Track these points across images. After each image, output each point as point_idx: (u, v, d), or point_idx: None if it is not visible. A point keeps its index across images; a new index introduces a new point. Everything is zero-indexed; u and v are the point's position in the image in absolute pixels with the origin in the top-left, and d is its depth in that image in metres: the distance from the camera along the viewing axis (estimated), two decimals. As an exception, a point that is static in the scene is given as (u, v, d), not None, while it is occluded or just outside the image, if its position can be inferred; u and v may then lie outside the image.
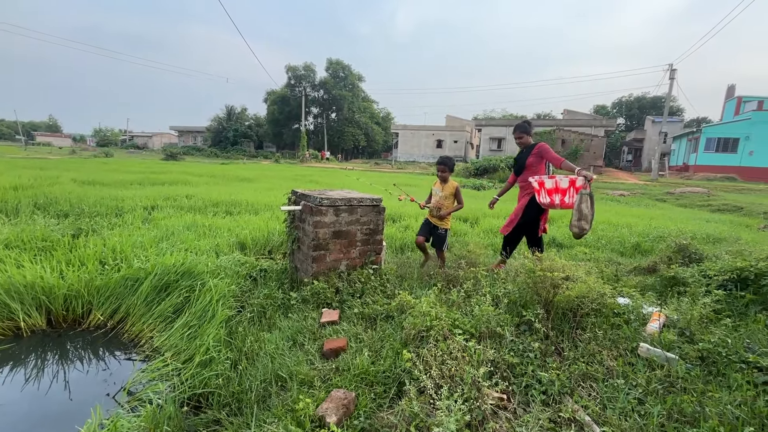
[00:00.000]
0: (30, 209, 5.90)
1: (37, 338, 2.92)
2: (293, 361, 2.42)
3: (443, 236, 4.10)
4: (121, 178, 11.25)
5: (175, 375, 2.37)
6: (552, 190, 3.62)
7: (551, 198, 3.63)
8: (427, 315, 2.50)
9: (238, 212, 7.09)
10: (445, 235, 4.11)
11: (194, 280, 3.27)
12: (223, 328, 2.70)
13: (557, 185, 3.58)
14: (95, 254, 3.75)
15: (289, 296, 3.33)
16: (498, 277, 3.69)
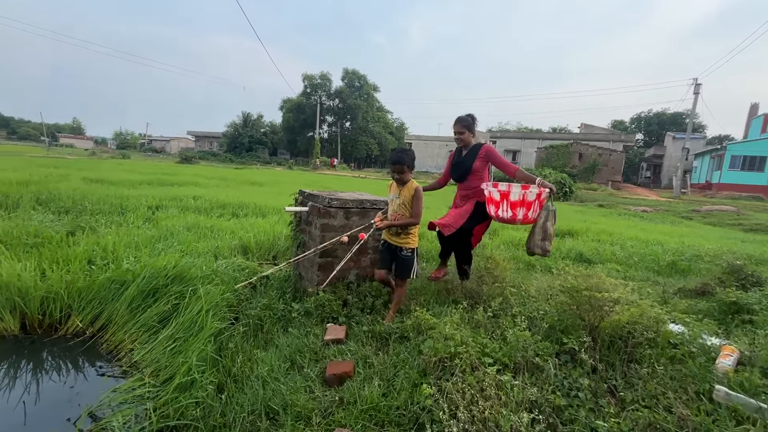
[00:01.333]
0: (31, 205, 5.69)
1: (7, 344, 2.59)
2: (289, 387, 2.02)
3: (409, 260, 2.81)
4: (131, 178, 11.13)
5: (150, 398, 2.00)
6: (517, 203, 2.94)
7: (514, 212, 2.97)
8: (451, 339, 2.08)
9: (245, 214, 6.79)
10: (411, 259, 2.82)
11: (186, 286, 2.91)
12: (211, 343, 2.33)
13: (524, 198, 2.92)
14: (84, 253, 3.45)
15: (291, 307, 2.95)
16: (527, 295, 3.25)
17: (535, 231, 3.05)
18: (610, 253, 5.93)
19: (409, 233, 2.82)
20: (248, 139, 54.02)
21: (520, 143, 39.47)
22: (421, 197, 2.74)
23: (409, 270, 2.82)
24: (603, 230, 8.25)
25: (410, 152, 2.87)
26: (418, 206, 2.75)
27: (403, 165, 2.74)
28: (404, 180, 2.78)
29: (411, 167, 2.80)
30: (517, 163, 37.47)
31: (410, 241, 2.83)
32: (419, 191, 2.75)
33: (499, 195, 3.00)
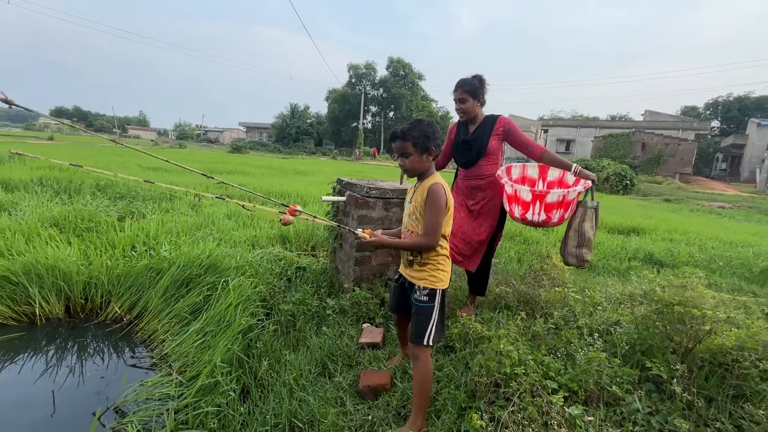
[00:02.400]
0: (91, 190, 6.01)
1: (51, 328, 2.62)
2: (318, 398, 1.81)
3: (424, 310, 1.66)
4: (184, 166, 11.65)
5: (174, 398, 1.88)
6: (554, 205, 2.24)
7: (548, 215, 2.27)
8: (507, 356, 1.75)
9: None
10: (428, 308, 1.65)
11: (219, 277, 2.81)
12: (239, 340, 2.17)
13: (564, 198, 2.23)
14: (128, 239, 3.48)
15: (326, 304, 2.75)
16: (592, 302, 2.80)
17: (569, 235, 2.36)
18: (686, 255, 5.17)
19: (426, 263, 1.65)
20: (295, 129, 55.41)
21: (574, 132, 36.89)
22: (437, 202, 1.57)
23: (423, 328, 1.63)
24: (675, 228, 7.33)
25: (425, 125, 1.63)
26: (432, 217, 1.58)
27: (405, 141, 1.60)
28: (415, 170, 1.67)
29: (425, 148, 1.60)
30: (570, 154, 35.15)
31: (429, 275, 1.64)
32: (436, 192, 1.58)
33: (532, 196, 2.27)
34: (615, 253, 5.05)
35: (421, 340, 1.62)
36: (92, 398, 1.99)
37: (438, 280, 1.65)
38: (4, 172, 6.65)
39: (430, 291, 1.65)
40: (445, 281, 1.67)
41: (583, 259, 2.34)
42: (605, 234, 6.22)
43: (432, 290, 1.65)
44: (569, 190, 2.28)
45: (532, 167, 2.70)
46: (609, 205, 12.06)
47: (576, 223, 2.34)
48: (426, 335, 1.62)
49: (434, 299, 1.65)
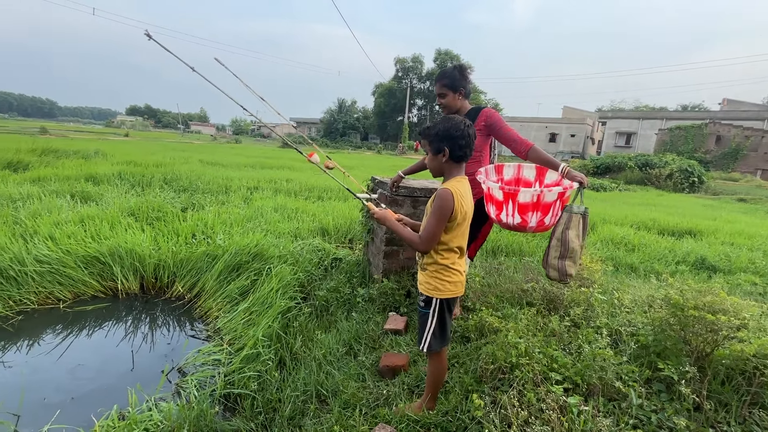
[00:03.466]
0: (159, 184, 6.78)
1: (129, 301, 3.13)
2: (342, 373, 2.06)
3: (423, 316, 1.65)
4: (239, 161, 12.56)
5: (224, 364, 2.23)
6: (528, 206, 2.03)
7: (523, 218, 2.07)
8: (513, 347, 1.88)
9: (329, 198, 7.14)
10: (425, 316, 1.63)
11: (264, 264, 3.17)
12: (278, 320, 2.49)
13: (538, 199, 2.00)
14: (190, 228, 3.98)
15: (356, 292, 3.01)
16: (619, 304, 2.80)
17: (551, 244, 2.08)
18: (746, 261, 4.80)
19: (425, 268, 1.61)
20: (342, 124, 56.70)
21: (636, 124, 34.22)
22: (439, 207, 1.48)
23: (421, 333, 1.62)
24: (740, 231, 6.73)
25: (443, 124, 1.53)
26: (430, 222, 1.51)
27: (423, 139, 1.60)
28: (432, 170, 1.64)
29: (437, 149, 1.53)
30: (630, 148, 32.65)
31: (426, 281, 1.60)
32: (440, 197, 1.48)
33: (503, 194, 2.09)
34: (661, 256, 4.83)
35: (419, 345, 1.62)
36: (161, 359, 2.40)
37: (434, 289, 1.58)
38: (91, 167, 7.67)
39: (427, 298, 1.61)
40: (443, 291, 1.57)
41: (565, 273, 2.04)
42: (654, 235, 5.91)
43: (428, 297, 1.60)
44: (544, 189, 2.01)
45: (529, 168, 2.45)
46: (667, 204, 11.23)
47: (559, 231, 2.03)
48: (422, 341, 1.61)
49: (430, 307, 1.60)
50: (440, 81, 2.28)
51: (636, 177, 19.04)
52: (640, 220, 7.08)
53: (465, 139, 1.52)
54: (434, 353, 1.66)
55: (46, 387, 2.07)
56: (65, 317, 2.80)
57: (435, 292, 1.59)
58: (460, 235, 1.58)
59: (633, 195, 13.97)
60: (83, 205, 4.80)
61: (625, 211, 8.22)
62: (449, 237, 1.56)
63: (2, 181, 5.77)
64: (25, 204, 4.47)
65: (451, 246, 1.58)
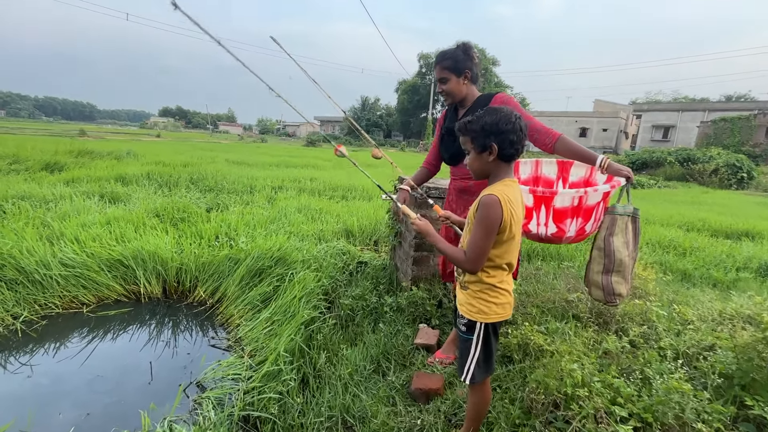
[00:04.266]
0: (185, 184, 6.83)
1: (152, 305, 3.06)
2: (371, 395, 1.87)
3: (464, 342, 1.43)
4: (263, 160, 12.64)
5: (244, 380, 2.08)
6: (567, 211, 1.68)
7: (559, 227, 1.72)
8: (569, 376, 1.63)
9: (353, 197, 6.99)
10: (467, 342, 1.40)
11: (287, 269, 3.03)
12: (301, 331, 2.32)
13: (580, 201, 1.63)
14: (213, 229, 3.90)
15: (383, 301, 2.81)
16: (681, 320, 2.47)
17: (592, 256, 1.70)
18: (820, 268, 4.27)
19: (466, 287, 1.40)
20: (365, 122, 56.71)
21: (675, 117, 32.34)
22: (486, 218, 1.24)
23: (462, 361, 1.41)
24: (806, 233, 6.08)
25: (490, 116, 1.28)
26: (476, 236, 1.27)
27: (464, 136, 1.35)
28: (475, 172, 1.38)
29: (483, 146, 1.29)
30: (669, 142, 30.84)
31: (467, 302, 1.39)
32: (487, 206, 1.25)
33: (533, 198, 1.70)
34: (719, 261, 4.37)
35: (461, 376, 1.41)
36: (180, 371, 2.29)
37: (478, 311, 1.35)
38: (121, 168, 7.84)
39: (468, 322, 1.38)
40: (489, 315, 1.35)
41: (612, 292, 1.64)
42: (706, 237, 5.40)
43: (471, 321, 1.38)
44: (589, 189, 1.64)
45: (549, 164, 2.12)
46: (714, 202, 10.42)
47: (601, 238, 1.64)
48: (464, 372, 1.39)
49: (473, 332, 1.38)
50: (440, 63, 1.93)
51: (677, 173, 17.92)
52: (687, 220, 6.54)
53: (516, 134, 1.27)
54: (477, 384, 1.43)
55: (63, 400, 1.99)
56: (88, 322, 2.75)
57: (479, 316, 1.36)
58: (510, 250, 1.33)
59: (675, 192, 13.10)
60: (111, 205, 4.83)
61: (669, 210, 7.64)
62: (498, 252, 1.31)
63: (38, 182, 5.93)
64: (57, 205, 4.54)
65: (499, 263, 1.33)
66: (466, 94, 1.99)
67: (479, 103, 1.98)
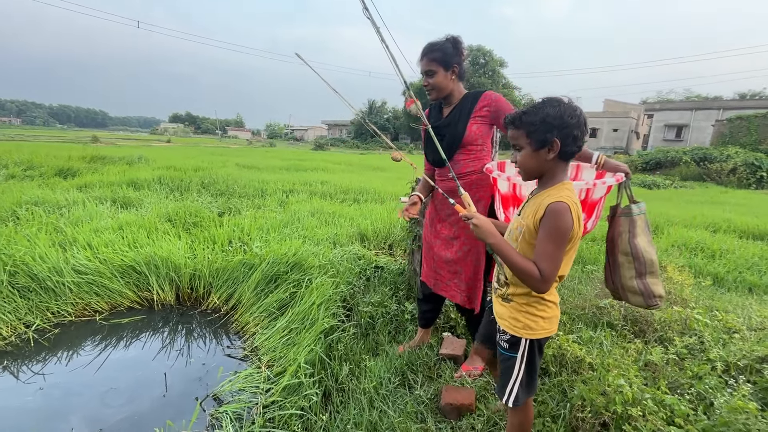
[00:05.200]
0: (197, 188, 6.79)
1: (165, 313, 2.98)
2: (398, 411, 1.75)
3: (506, 360, 1.29)
4: (273, 163, 12.62)
5: (263, 393, 1.98)
6: None
7: None
8: (617, 392, 1.49)
9: (365, 200, 6.88)
10: (511, 361, 1.27)
11: (303, 275, 2.92)
12: (321, 340, 2.21)
13: (588, 193, 1.57)
14: (226, 234, 3.82)
15: (404, 308, 2.69)
16: (725, 328, 2.31)
17: (619, 262, 1.58)
18: None
19: (510, 300, 1.27)
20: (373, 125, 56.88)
21: (688, 116, 31.73)
22: (558, 229, 1.11)
23: (505, 381, 1.29)
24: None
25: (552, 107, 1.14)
26: (548, 248, 1.12)
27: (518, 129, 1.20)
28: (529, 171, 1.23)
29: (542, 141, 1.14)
30: (682, 142, 30.25)
31: (511, 317, 1.26)
32: (558, 214, 1.11)
33: None
34: (751, 264, 4.16)
35: (502, 397, 1.28)
36: (195, 383, 2.19)
37: (524, 327, 1.23)
38: (133, 172, 7.85)
39: (512, 338, 1.25)
40: (536, 331, 1.22)
41: (652, 295, 1.53)
42: (734, 238, 5.17)
43: (514, 338, 1.25)
44: (596, 182, 1.56)
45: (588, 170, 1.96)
46: (737, 202, 10.10)
47: (626, 243, 1.56)
48: (507, 392, 1.26)
49: (517, 350, 1.25)
50: (428, 55, 1.82)
51: (693, 172, 17.52)
52: (711, 221, 6.30)
53: (581, 129, 1.14)
54: (514, 409, 1.30)
55: (75, 414, 1.90)
56: (101, 330, 2.67)
57: (525, 332, 1.23)
58: (569, 261, 1.20)
59: (692, 192, 12.76)
60: (123, 210, 4.80)
61: (692, 210, 7.39)
62: (563, 264, 1.16)
63: (52, 188, 5.94)
64: (70, 211, 4.51)
65: (562, 274, 1.19)
66: (452, 90, 1.89)
67: (468, 99, 1.89)
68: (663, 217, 6.38)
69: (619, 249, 1.60)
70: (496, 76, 48.51)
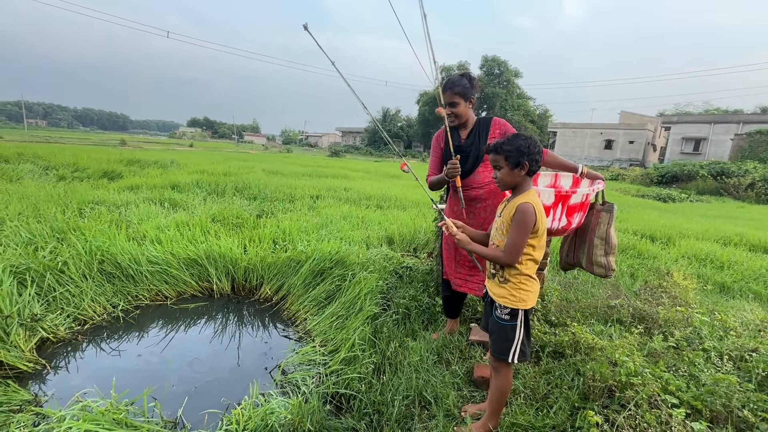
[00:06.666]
0: (232, 191, 7.30)
1: (223, 301, 3.41)
2: (439, 381, 2.12)
3: (503, 328, 1.69)
4: (295, 170, 13.17)
5: (321, 365, 2.37)
6: (576, 207, 2.16)
7: (569, 219, 2.18)
8: (622, 366, 1.84)
9: (388, 207, 7.28)
10: (508, 327, 1.68)
11: (346, 270, 3.32)
12: (368, 325, 2.60)
13: (587, 198, 2.19)
14: (270, 234, 4.26)
15: (435, 301, 3.07)
16: (723, 326, 2.62)
17: (593, 243, 2.22)
18: None
19: (507, 281, 1.66)
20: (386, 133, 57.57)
21: (707, 129, 31.44)
22: (524, 222, 1.56)
23: (507, 345, 1.66)
24: None
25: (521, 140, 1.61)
26: (515, 236, 1.58)
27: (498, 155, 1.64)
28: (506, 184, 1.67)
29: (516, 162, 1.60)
30: (700, 155, 29.99)
31: (509, 294, 1.65)
32: (524, 212, 1.56)
33: (554, 197, 2.11)
34: (758, 275, 4.42)
35: (506, 357, 1.66)
36: (261, 357, 2.60)
37: (519, 300, 1.64)
38: (171, 176, 8.42)
39: (512, 310, 1.66)
40: (528, 302, 1.65)
41: (611, 268, 2.21)
42: (744, 252, 5.40)
43: (513, 309, 1.66)
44: (592, 188, 2.19)
45: (566, 177, 2.66)
46: (753, 217, 10.20)
47: (603, 230, 2.20)
48: (511, 353, 1.65)
49: (516, 318, 1.66)
50: (452, 89, 2.27)
51: (710, 187, 17.48)
52: (724, 234, 6.51)
53: (540, 155, 1.64)
54: (505, 365, 1.71)
55: (172, 376, 2.31)
56: (173, 313, 3.11)
57: (520, 304, 1.66)
58: (542, 246, 1.67)
59: (708, 206, 12.83)
60: (174, 211, 5.29)
61: (705, 224, 7.59)
62: (535, 249, 1.64)
63: (104, 189, 6.51)
64: (127, 210, 5.02)
65: (535, 257, 1.66)
66: (469, 117, 2.40)
67: (480, 124, 2.41)
68: (675, 230, 6.61)
69: (596, 234, 2.23)
70: (510, 86, 48.77)
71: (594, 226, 2.25)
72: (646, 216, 8.50)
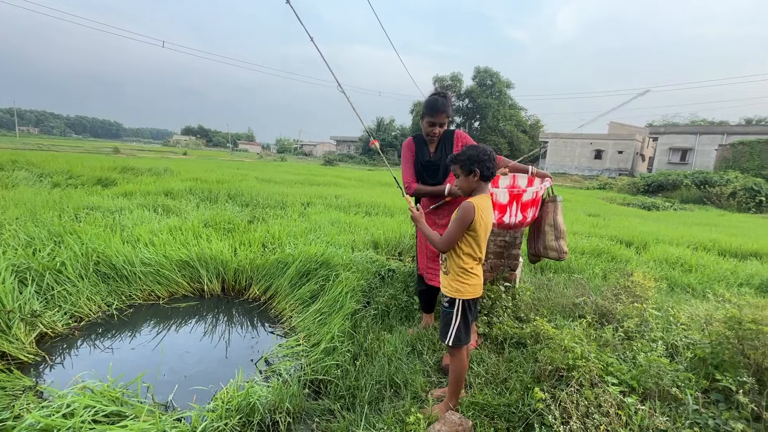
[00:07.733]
0: (224, 198, 7.48)
1: (214, 301, 3.58)
2: (410, 368, 2.32)
3: (447, 315, 1.91)
4: (288, 178, 13.37)
5: (304, 356, 2.56)
6: (528, 203, 2.48)
7: (524, 214, 2.50)
8: (570, 351, 2.05)
9: (376, 213, 7.50)
10: (449, 314, 1.89)
11: (330, 271, 3.52)
12: (348, 320, 2.80)
13: (537, 194, 2.53)
14: (260, 238, 4.45)
15: (413, 300, 3.27)
16: (675, 321, 2.85)
17: (545, 230, 2.64)
18: (819, 285, 4.53)
19: (448, 272, 1.89)
20: (380, 142, 57.95)
21: (692, 140, 32.28)
22: (461, 217, 1.77)
23: (443, 330, 1.90)
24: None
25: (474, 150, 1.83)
26: (451, 228, 1.80)
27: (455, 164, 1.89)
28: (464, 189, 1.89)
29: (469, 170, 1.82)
30: (687, 165, 30.75)
31: (448, 284, 1.88)
32: (463, 208, 1.78)
33: (509, 196, 2.43)
34: (722, 277, 4.68)
35: (444, 340, 1.89)
36: (248, 351, 2.78)
37: (456, 291, 1.85)
38: (164, 183, 8.59)
39: (450, 299, 1.88)
40: (465, 294, 1.85)
41: (563, 251, 2.59)
42: (713, 256, 5.69)
43: (452, 299, 1.87)
44: (542, 185, 2.56)
45: (522, 178, 3.00)
46: (729, 224, 10.56)
47: (551, 218, 2.60)
48: (448, 336, 1.87)
49: (454, 306, 1.87)
50: (445, 112, 2.51)
51: (693, 196, 17.98)
52: (698, 240, 6.81)
53: (492, 162, 1.83)
54: (457, 349, 1.90)
55: (163, 366, 2.48)
56: (165, 312, 3.27)
57: (457, 294, 1.87)
58: (480, 244, 1.85)
59: (690, 215, 13.22)
60: (167, 217, 5.46)
61: (681, 231, 7.90)
62: (471, 245, 1.83)
63: (98, 195, 6.66)
64: (122, 215, 5.18)
65: (473, 254, 1.84)
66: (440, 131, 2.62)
67: (445, 138, 2.63)
68: (652, 236, 6.90)
69: (546, 222, 2.64)
70: (502, 97, 49.64)
71: (545, 216, 2.65)
72: (626, 223, 8.80)
